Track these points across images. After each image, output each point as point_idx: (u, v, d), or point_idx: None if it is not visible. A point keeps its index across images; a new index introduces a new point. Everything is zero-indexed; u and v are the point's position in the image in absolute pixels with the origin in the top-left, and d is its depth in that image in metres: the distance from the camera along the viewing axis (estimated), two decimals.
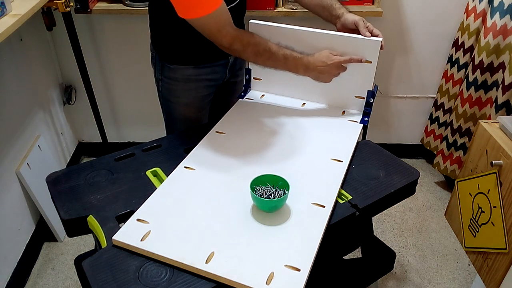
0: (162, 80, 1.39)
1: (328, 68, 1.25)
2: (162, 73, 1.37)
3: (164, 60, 1.35)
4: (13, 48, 1.69)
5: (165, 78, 1.38)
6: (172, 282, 0.85)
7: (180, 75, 1.35)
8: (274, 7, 1.80)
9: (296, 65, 1.23)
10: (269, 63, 1.22)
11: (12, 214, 1.65)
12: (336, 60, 1.25)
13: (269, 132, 1.28)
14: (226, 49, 1.18)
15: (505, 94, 1.69)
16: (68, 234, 1.04)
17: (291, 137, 1.25)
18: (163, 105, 1.47)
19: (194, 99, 1.40)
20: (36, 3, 1.46)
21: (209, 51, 1.25)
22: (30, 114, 1.81)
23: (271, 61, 1.22)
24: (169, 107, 1.44)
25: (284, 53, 1.21)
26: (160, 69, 1.37)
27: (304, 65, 1.23)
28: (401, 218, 2.04)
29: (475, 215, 1.26)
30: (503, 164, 1.13)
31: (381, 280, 1.73)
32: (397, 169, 1.16)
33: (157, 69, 1.39)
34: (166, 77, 1.37)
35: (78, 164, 1.22)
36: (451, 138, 2.04)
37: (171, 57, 1.33)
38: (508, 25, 1.70)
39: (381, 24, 1.96)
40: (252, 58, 1.22)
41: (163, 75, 1.37)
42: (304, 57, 1.23)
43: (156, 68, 1.39)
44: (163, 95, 1.42)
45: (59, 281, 1.72)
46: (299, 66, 1.23)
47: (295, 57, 1.22)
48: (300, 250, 0.90)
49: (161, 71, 1.37)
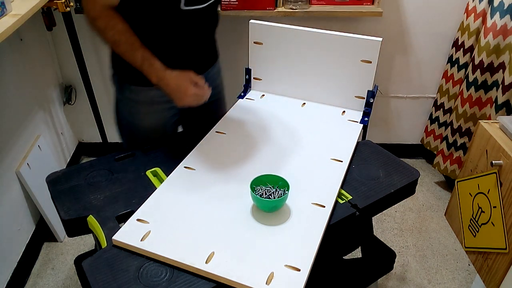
0: (122, 102, 1.30)
1: (184, 91, 1.12)
2: (122, 94, 1.28)
3: (125, 81, 1.25)
4: (13, 48, 1.69)
5: (125, 99, 1.28)
6: (172, 282, 0.85)
7: (142, 97, 1.25)
8: (274, 7, 1.80)
9: (151, 73, 1.12)
10: (125, 56, 1.13)
11: (12, 214, 1.65)
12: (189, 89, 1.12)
13: (269, 132, 1.27)
14: (89, 23, 1.11)
15: (505, 94, 1.69)
16: (68, 234, 1.04)
17: (291, 137, 1.25)
18: (124, 126, 1.35)
19: (159, 121, 1.30)
20: (36, 3, 1.46)
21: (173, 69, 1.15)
22: (30, 114, 1.81)
23: (128, 55, 1.12)
24: (130, 129, 1.33)
25: (144, 54, 1.11)
26: (120, 89, 1.28)
27: (160, 78, 1.12)
28: (401, 218, 2.04)
29: (475, 215, 1.26)
30: (503, 164, 1.13)
31: (381, 280, 1.73)
32: (397, 169, 1.15)
33: (116, 89, 1.30)
34: (127, 99, 1.28)
35: (78, 164, 1.22)
36: (451, 138, 2.04)
37: (132, 78, 1.22)
38: (508, 25, 1.70)
39: (381, 24, 1.96)
40: (110, 44, 1.13)
41: (124, 96, 1.28)
42: (162, 68, 1.13)
43: (116, 88, 1.30)
44: (123, 116, 1.32)
45: (59, 281, 1.72)
46: (153, 75, 1.12)
47: (153, 63, 1.12)
48: (300, 250, 0.90)
49: (121, 92, 1.28)
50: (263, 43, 1.39)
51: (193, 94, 1.12)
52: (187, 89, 1.12)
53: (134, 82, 1.23)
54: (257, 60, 1.43)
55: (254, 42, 1.40)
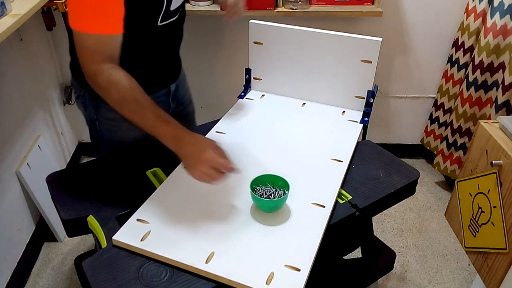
0: (99, 121, 1.22)
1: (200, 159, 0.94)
2: (98, 113, 1.21)
3: (99, 100, 1.15)
4: (13, 48, 1.69)
5: (103, 119, 1.21)
6: (172, 282, 0.85)
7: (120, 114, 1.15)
8: (274, 7, 1.80)
9: (166, 135, 0.96)
10: (133, 117, 0.97)
11: (12, 214, 1.65)
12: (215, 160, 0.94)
13: (269, 132, 1.27)
14: (88, 79, 0.99)
15: (505, 94, 1.69)
16: (68, 234, 1.04)
17: (291, 137, 1.25)
18: (104, 145, 1.28)
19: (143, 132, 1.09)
20: (36, 3, 1.46)
21: (147, 82, 1.03)
22: (30, 114, 1.81)
23: (137, 116, 0.97)
24: (113, 147, 1.26)
25: (158, 112, 0.97)
26: (94, 109, 1.20)
27: (175, 136, 0.96)
28: (401, 218, 2.04)
29: (475, 215, 1.26)
30: (503, 164, 1.13)
31: (381, 280, 1.73)
32: (397, 169, 1.15)
33: (89, 110, 1.21)
34: (105, 118, 1.21)
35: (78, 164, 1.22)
36: (451, 138, 2.04)
37: None
38: (508, 25, 1.70)
39: (381, 24, 1.96)
40: (114, 103, 0.98)
41: (100, 115, 1.21)
42: (181, 128, 0.98)
43: (87, 109, 1.22)
44: (102, 135, 1.25)
45: (59, 281, 1.72)
46: (168, 138, 0.96)
47: (169, 121, 0.97)
48: (300, 250, 0.90)
49: (96, 112, 1.20)
50: (263, 43, 1.39)
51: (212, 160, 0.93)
52: (207, 156, 0.93)
53: None
54: (257, 60, 1.43)
55: (254, 42, 1.40)
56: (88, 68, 0.97)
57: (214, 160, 0.93)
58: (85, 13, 0.93)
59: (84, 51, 0.97)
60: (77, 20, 0.95)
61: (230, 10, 1.23)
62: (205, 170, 0.93)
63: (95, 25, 0.94)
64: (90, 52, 0.96)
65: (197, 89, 2.16)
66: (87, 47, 0.96)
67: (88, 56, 0.96)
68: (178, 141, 0.96)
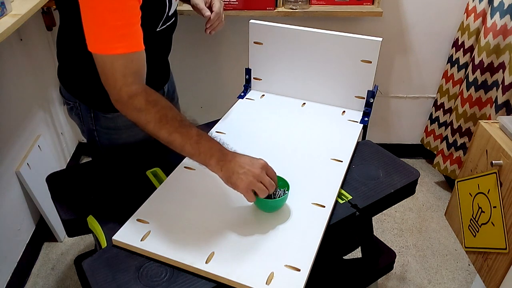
0: (98, 131, 1.20)
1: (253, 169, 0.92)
2: (96, 123, 1.18)
3: (97, 110, 1.15)
4: (13, 48, 1.69)
5: (102, 128, 1.20)
6: (172, 282, 0.85)
7: (121, 122, 1.16)
8: (274, 7, 1.80)
9: (211, 148, 0.93)
10: (175, 135, 0.92)
11: (12, 214, 1.65)
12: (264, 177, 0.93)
13: (269, 132, 1.27)
14: (121, 103, 0.93)
15: (505, 94, 1.69)
16: (68, 234, 1.04)
17: (291, 137, 1.25)
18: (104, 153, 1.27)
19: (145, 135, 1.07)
20: (36, 3, 1.46)
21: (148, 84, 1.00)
22: (30, 114, 1.81)
23: (179, 134, 0.92)
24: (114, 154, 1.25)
25: (198, 131, 0.94)
26: (92, 120, 1.18)
27: (220, 149, 0.94)
28: (401, 218, 2.04)
29: (475, 215, 1.26)
30: (503, 164, 1.13)
31: (381, 280, 1.73)
32: (397, 169, 1.15)
33: (86, 121, 1.19)
34: (104, 128, 1.19)
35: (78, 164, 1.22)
36: (451, 138, 2.04)
37: (105, 105, 1.03)
38: (508, 25, 1.70)
39: (381, 24, 1.96)
40: (154, 123, 0.92)
41: (99, 126, 1.19)
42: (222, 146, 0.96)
43: (84, 120, 1.19)
44: (102, 144, 1.23)
45: (59, 281, 1.72)
46: (215, 151, 0.93)
47: (211, 139, 0.95)
48: (300, 250, 0.90)
49: (94, 122, 1.18)
50: (263, 43, 1.39)
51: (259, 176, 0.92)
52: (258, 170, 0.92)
53: (109, 109, 1.10)
54: (257, 60, 1.43)
55: (254, 42, 1.40)
56: (123, 93, 0.91)
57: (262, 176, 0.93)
58: (110, 34, 0.87)
59: (114, 76, 0.90)
60: (102, 43, 0.88)
61: (212, 24, 1.23)
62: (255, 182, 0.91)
63: (123, 44, 0.88)
64: (121, 75, 0.90)
65: (197, 89, 2.17)
66: (118, 70, 0.89)
67: (120, 79, 0.90)
68: (224, 155, 0.93)
